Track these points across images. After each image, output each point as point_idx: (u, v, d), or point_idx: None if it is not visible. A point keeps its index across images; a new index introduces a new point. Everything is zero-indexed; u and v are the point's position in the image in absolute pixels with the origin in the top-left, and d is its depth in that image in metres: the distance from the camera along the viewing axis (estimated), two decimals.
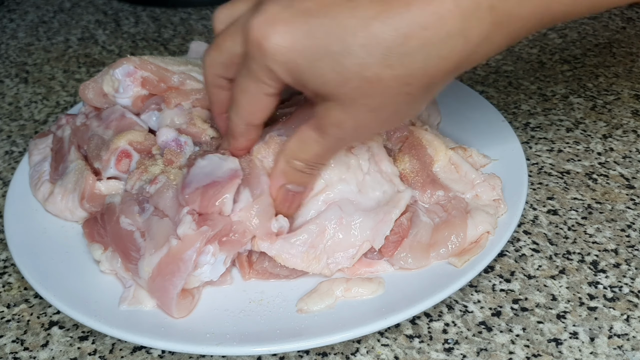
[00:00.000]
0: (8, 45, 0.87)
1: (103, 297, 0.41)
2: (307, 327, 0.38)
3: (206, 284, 0.41)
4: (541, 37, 0.80)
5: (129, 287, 0.41)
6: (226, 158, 0.42)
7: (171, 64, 0.53)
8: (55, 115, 0.69)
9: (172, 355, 0.40)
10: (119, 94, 0.52)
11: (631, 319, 0.41)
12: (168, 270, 0.38)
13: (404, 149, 0.47)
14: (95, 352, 0.41)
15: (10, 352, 0.41)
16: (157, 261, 0.39)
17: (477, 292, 0.43)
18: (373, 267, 0.42)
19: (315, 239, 0.41)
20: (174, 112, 0.52)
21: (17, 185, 0.51)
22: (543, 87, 0.68)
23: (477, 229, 0.43)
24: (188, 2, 0.95)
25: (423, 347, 0.40)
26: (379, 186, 0.43)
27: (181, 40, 0.86)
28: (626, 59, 0.73)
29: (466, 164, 0.48)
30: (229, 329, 0.38)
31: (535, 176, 0.54)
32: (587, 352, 0.39)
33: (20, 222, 0.48)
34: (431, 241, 0.42)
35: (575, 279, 0.44)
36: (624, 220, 0.49)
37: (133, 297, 0.40)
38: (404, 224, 0.42)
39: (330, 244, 0.41)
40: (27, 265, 0.43)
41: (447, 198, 0.45)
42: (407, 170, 0.46)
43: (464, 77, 0.71)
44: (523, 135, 0.60)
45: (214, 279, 0.41)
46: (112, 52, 0.84)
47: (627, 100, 0.65)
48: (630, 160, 0.56)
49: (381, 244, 0.41)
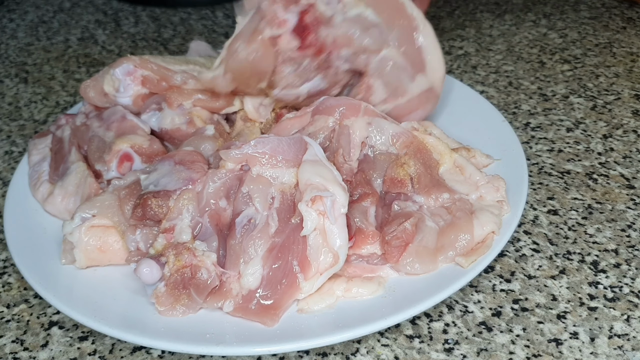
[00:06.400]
0: (8, 45, 0.87)
1: (103, 297, 0.41)
2: (307, 327, 0.38)
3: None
4: (541, 37, 0.80)
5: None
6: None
7: (172, 63, 0.53)
8: (55, 115, 0.69)
9: (172, 355, 0.40)
10: (119, 94, 0.52)
11: (631, 319, 0.41)
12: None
13: (409, 153, 0.47)
14: (95, 352, 0.41)
15: (10, 352, 0.41)
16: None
17: (478, 292, 0.43)
18: (375, 273, 0.42)
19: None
20: (174, 112, 0.52)
21: (17, 185, 0.51)
22: (543, 87, 0.68)
23: (483, 229, 0.43)
24: (188, 2, 0.95)
25: (423, 347, 0.40)
26: None
27: (181, 40, 0.86)
28: (626, 59, 0.73)
29: (470, 166, 0.48)
30: (229, 329, 0.38)
31: (536, 176, 0.54)
32: (588, 352, 0.39)
33: (20, 222, 0.48)
34: (438, 245, 0.42)
35: (575, 279, 0.44)
36: (624, 220, 0.49)
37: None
38: (408, 229, 0.42)
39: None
40: (27, 265, 0.43)
41: (452, 200, 0.45)
42: (413, 175, 0.46)
43: (464, 77, 0.71)
44: (523, 135, 0.60)
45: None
46: (112, 52, 0.84)
47: (628, 100, 0.65)
48: (631, 160, 0.56)
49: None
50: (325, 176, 0.41)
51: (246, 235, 0.41)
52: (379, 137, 0.48)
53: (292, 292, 0.39)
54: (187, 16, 0.93)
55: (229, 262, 0.41)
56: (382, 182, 0.47)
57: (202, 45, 0.62)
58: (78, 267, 0.43)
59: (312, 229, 0.40)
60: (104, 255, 0.43)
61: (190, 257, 0.40)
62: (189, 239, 0.41)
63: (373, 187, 0.46)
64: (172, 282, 0.40)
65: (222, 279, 0.40)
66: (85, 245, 0.43)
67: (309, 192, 0.40)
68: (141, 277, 0.40)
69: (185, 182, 0.43)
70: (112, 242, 0.43)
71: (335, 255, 0.40)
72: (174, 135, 0.52)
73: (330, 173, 0.41)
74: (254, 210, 0.42)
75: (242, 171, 0.44)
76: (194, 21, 0.91)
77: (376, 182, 0.47)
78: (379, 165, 0.47)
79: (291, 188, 0.43)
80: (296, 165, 0.43)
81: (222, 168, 0.43)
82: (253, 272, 0.40)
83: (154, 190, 0.43)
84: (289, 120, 0.51)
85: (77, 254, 0.43)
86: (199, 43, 0.62)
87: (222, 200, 0.43)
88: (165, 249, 0.41)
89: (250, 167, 0.43)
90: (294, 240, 0.40)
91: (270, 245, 0.41)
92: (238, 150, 0.43)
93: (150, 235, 0.43)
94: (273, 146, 0.43)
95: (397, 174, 0.46)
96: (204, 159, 0.46)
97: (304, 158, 0.43)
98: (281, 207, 0.42)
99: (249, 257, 0.40)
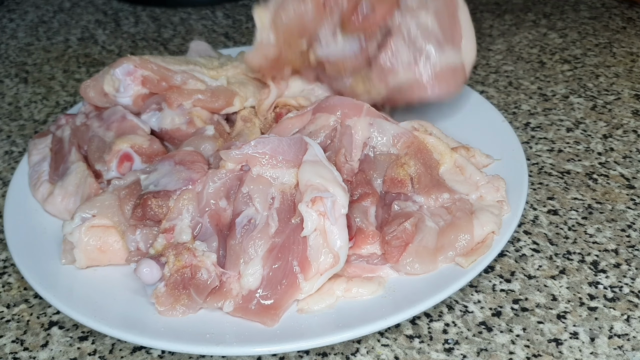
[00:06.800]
0: (8, 45, 0.87)
1: (103, 297, 0.41)
2: (307, 327, 0.38)
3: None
4: (541, 37, 0.80)
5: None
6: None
7: (172, 63, 0.53)
8: (55, 115, 0.69)
9: (172, 355, 0.40)
10: (119, 94, 0.52)
11: (631, 319, 0.41)
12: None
13: (410, 153, 0.47)
14: (95, 352, 0.41)
15: (10, 352, 0.41)
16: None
17: (478, 292, 0.43)
18: (375, 273, 0.42)
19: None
20: (174, 112, 0.52)
21: (17, 185, 0.51)
22: (543, 87, 0.68)
23: (483, 229, 0.43)
24: (188, 2, 0.95)
25: (423, 347, 0.40)
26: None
27: (181, 40, 0.86)
28: (626, 59, 0.73)
29: (471, 166, 0.48)
30: (229, 329, 0.38)
31: (536, 176, 0.54)
32: (588, 352, 0.39)
33: (20, 222, 0.48)
34: (437, 245, 0.42)
35: (575, 279, 0.44)
36: (624, 220, 0.49)
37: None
38: (408, 229, 0.42)
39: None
40: (27, 265, 0.43)
41: (452, 200, 0.45)
42: (413, 175, 0.46)
43: None
44: (523, 135, 0.60)
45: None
46: (112, 52, 0.84)
47: (628, 100, 0.65)
48: (631, 160, 0.56)
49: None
50: (326, 177, 0.41)
51: (246, 236, 0.41)
52: (381, 138, 0.48)
53: (292, 293, 0.39)
54: (187, 16, 0.93)
55: (229, 262, 0.41)
56: (382, 182, 0.47)
57: (202, 45, 0.62)
58: (78, 267, 0.43)
59: (313, 230, 0.40)
60: (104, 255, 0.43)
61: (190, 257, 0.40)
62: (189, 239, 0.41)
63: (373, 187, 0.46)
64: (172, 282, 0.40)
65: (222, 279, 0.40)
66: (85, 245, 0.43)
67: (310, 193, 0.40)
68: (141, 277, 0.40)
69: (185, 182, 0.43)
70: (112, 242, 0.43)
71: (336, 255, 0.40)
72: (174, 135, 0.52)
73: (331, 174, 0.41)
74: (254, 211, 0.42)
75: (242, 171, 0.44)
76: (194, 21, 0.91)
77: (376, 182, 0.47)
78: (379, 165, 0.47)
79: (291, 188, 0.43)
80: (296, 166, 0.43)
81: (222, 168, 0.43)
82: (253, 272, 0.40)
83: (154, 191, 0.43)
84: (289, 119, 0.51)
85: (77, 254, 0.43)
86: (199, 43, 0.62)
87: (222, 201, 0.43)
88: (165, 249, 0.41)
89: (250, 167, 0.43)
90: (294, 241, 0.40)
91: (270, 246, 0.41)
92: (238, 151, 0.43)
93: (150, 235, 0.43)
94: (273, 146, 0.43)
95: (397, 174, 0.46)
96: (204, 159, 0.46)
97: (304, 158, 0.43)
98: (281, 208, 0.42)
99: (249, 257, 0.40)
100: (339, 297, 0.40)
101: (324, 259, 0.40)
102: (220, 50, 0.63)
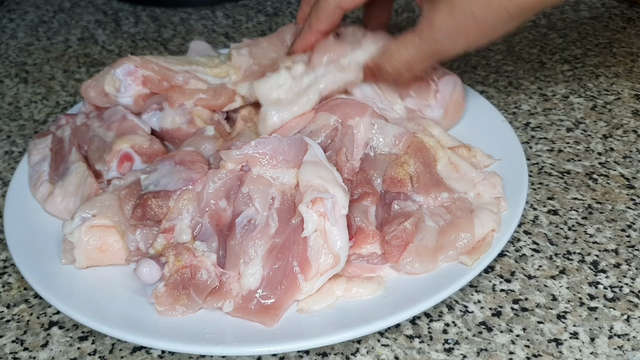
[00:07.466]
0: (8, 45, 0.87)
1: (103, 297, 0.41)
2: (307, 327, 0.38)
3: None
4: (541, 37, 0.80)
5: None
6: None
7: (173, 63, 0.53)
8: (55, 115, 0.69)
9: (172, 355, 0.40)
10: (120, 94, 0.52)
11: (631, 319, 0.41)
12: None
13: (409, 152, 0.47)
14: (95, 352, 0.41)
15: (10, 352, 0.41)
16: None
17: (478, 292, 0.43)
18: (375, 272, 0.42)
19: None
20: (175, 112, 0.52)
21: (17, 185, 0.51)
22: (543, 87, 0.68)
23: (484, 227, 0.43)
24: (188, 2, 0.95)
25: (423, 348, 0.40)
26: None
27: (181, 40, 0.86)
28: (626, 58, 0.73)
29: (465, 163, 0.48)
30: (229, 329, 0.38)
31: (536, 176, 0.54)
32: (588, 352, 0.39)
33: (20, 222, 0.48)
34: (438, 245, 0.42)
35: (575, 279, 0.44)
36: (624, 220, 0.49)
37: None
38: (408, 228, 0.42)
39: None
40: (26, 265, 0.43)
41: (451, 199, 0.45)
42: (412, 174, 0.46)
43: (464, 77, 0.71)
44: (523, 135, 0.60)
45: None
46: (112, 52, 0.84)
47: (628, 100, 0.65)
48: (631, 160, 0.56)
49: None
50: (326, 177, 0.41)
51: (246, 236, 0.41)
52: (382, 139, 0.48)
53: (292, 293, 0.39)
54: (187, 16, 0.93)
55: (229, 263, 0.41)
56: (382, 181, 0.47)
57: (202, 45, 0.62)
58: (78, 267, 0.43)
59: (313, 231, 0.40)
60: (104, 255, 0.43)
61: (190, 258, 0.40)
62: (189, 239, 0.41)
63: (373, 186, 0.46)
64: (171, 282, 0.40)
65: (222, 279, 0.40)
66: (85, 245, 0.43)
67: (310, 194, 0.40)
68: (141, 277, 0.40)
69: (185, 182, 0.43)
70: (112, 242, 0.43)
71: (336, 256, 0.40)
72: (175, 135, 0.52)
73: (331, 174, 0.42)
74: (254, 211, 0.42)
75: (243, 171, 0.44)
76: (194, 21, 0.91)
77: (376, 181, 0.47)
78: (379, 165, 0.47)
79: (291, 189, 0.43)
80: (296, 166, 0.43)
81: (223, 168, 0.43)
82: (253, 272, 0.40)
83: (154, 191, 0.43)
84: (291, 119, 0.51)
85: (77, 254, 0.43)
86: (199, 43, 0.62)
87: (222, 201, 0.43)
88: (165, 249, 0.41)
89: (250, 167, 0.43)
90: (294, 241, 0.40)
91: (270, 246, 0.41)
92: (238, 151, 0.43)
93: (150, 235, 0.43)
94: (273, 147, 0.43)
95: (397, 173, 0.46)
96: (205, 159, 0.46)
97: (304, 159, 0.43)
98: (281, 208, 0.42)
99: (249, 258, 0.40)
100: (339, 297, 0.40)
101: (324, 260, 0.40)
102: (220, 50, 0.63)
